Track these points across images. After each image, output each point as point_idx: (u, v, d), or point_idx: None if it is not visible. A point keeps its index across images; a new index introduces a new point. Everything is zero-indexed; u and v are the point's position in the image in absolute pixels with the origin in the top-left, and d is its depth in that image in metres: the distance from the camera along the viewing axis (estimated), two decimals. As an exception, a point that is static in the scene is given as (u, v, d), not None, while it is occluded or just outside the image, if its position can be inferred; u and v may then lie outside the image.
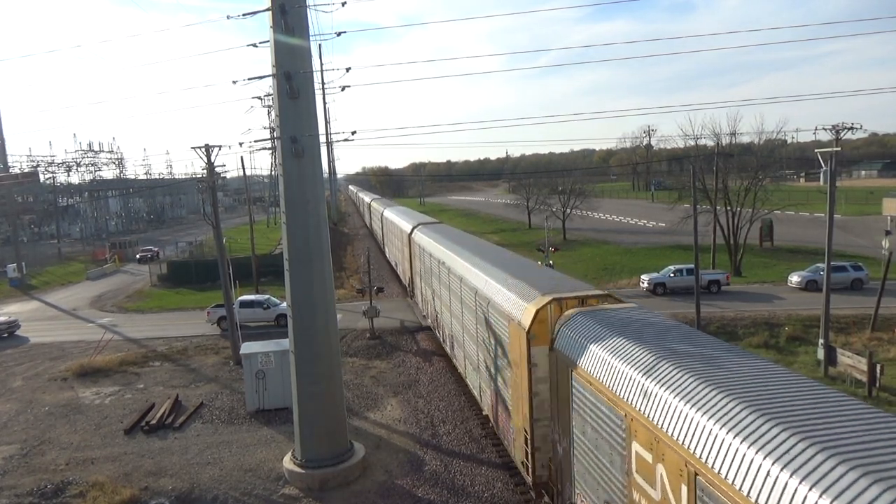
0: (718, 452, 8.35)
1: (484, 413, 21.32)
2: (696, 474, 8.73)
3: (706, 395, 9.22)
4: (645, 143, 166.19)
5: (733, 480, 7.92)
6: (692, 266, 34.52)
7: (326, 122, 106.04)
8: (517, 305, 16.02)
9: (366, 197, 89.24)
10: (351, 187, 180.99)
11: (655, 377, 10.24)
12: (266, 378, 24.07)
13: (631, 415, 10.40)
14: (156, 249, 74.75)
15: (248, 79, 18.82)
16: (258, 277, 46.41)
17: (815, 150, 27.14)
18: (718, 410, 8.81)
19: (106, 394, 27.33)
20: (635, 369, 10.79)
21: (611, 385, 11.26)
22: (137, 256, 72.03)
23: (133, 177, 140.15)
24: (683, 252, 53.02)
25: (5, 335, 38.49)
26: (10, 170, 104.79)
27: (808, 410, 8.27)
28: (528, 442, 15.35)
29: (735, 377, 9.79)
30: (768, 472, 7.44)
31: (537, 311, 14.74)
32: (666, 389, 9.79)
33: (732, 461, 8.06)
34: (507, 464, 18.96)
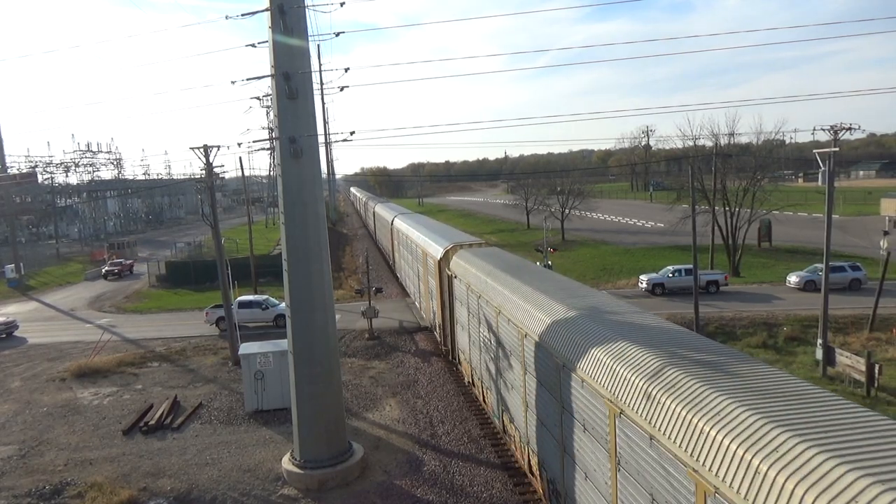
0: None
1: (430, 329, 33.98)
2: (500, 311, 18.54)
3: (504, 276, 20.11)
4: (643, 143, 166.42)
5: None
6: (691, 266, 34.55)
7: (325, 123, 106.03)
8: (436, 249, 29.53)
9: (369, 201, 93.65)
10: (353, 190, 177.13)
11: (489, 275, 20.78)
12: (265, 379, 24.05)
13: (481, 293, 20.82)
14: (129, 262, 65.18)
15: (247, 79, 18.79)
16: (257, 278, 46.39)
17: (814, 151, 27.13)
18: (499, 279, 20.18)
19: (104, 394, 27.30)
20: (480, 271, 21.76)
21: (468, 281, 22.59)
22: (103, 271, 61.64)
23: (131, 177, 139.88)
24: (682, 252, 53.08)
25: (3, 336, 38.44)
26: (9, 170, 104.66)
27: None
28: (440, 323, 29.21)
29: (536, 276, 19.74)
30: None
31: (445, 251, 27.87)
32: (494, 280, 20.05)
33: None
34: (506, 464, 18.96)
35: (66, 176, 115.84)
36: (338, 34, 18.73)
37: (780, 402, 8.65)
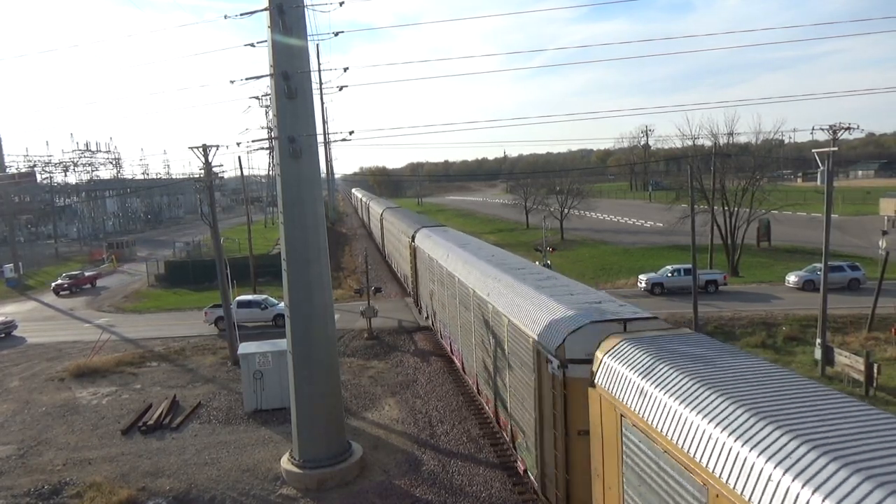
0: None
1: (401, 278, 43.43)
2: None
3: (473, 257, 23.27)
4: (643, 143, 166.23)
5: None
6: (690, 266, 34.56)
7: (324, 122, 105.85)
8: (408, 232, 36.25)
9: (387, 214, 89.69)
10: (354, 191, 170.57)
11: (454, 255, 23.64)
12: (264, 378, 24.04)
13: (454, 276, 22.61)
14: (88, 274, 57.19)
15: (246, 79, 18.78)
16: (256, 277, 46.35)
17: (813, 150, 27.15)
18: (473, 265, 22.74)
19: (103, 394, 27.28)
20: (442, 250, 24.37)
21: (435, 257, 24.66)
22: (52, 286, 53.68)
23: (130, 177, 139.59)
24: (681, 252, 53.07)
25: (2, 335, 38.39)
26: (7, 170, 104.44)
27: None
28: (413, 293, 33.65)
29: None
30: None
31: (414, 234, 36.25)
32: (462, 264, 22.97)
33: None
34: (504, 464, 18.96)
35: (65, 175, 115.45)
36: (337, 34, 18.74)
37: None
